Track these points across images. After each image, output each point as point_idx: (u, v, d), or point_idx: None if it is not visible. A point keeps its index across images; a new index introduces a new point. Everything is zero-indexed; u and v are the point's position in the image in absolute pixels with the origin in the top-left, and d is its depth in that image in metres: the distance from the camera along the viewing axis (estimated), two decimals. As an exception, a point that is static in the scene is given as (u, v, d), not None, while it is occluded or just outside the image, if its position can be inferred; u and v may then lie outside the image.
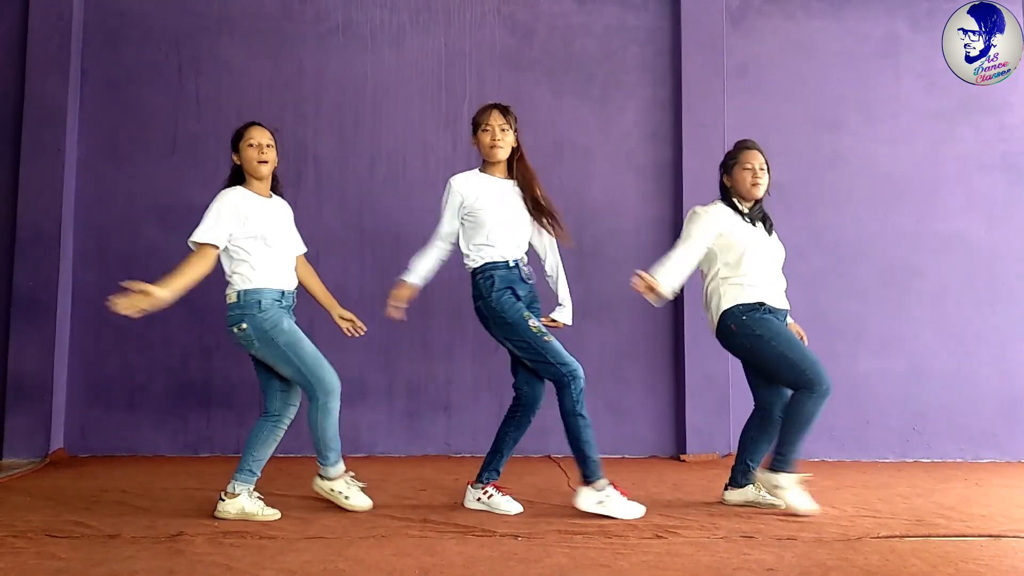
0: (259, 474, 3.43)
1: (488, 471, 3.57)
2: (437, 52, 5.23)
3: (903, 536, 3.12)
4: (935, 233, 5.14)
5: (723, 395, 4.96)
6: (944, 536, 3.14)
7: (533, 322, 3.43)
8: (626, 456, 5.01)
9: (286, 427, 3.52)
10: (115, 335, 5.04)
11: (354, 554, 2.82)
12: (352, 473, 3.58)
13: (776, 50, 5.26)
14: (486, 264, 3.47)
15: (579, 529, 3.17)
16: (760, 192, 3.61)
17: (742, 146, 3.69)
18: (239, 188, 3.41)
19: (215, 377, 5.03)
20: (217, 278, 3.53)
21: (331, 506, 3.57)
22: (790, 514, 3.45)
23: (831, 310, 5.09)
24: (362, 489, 3.55)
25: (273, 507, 3.43)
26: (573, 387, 3.41)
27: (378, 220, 5.10)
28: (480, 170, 3.58)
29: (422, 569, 2.65)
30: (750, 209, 3.64)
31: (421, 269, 3.60)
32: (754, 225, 3.62)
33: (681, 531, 3.16)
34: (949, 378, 5.05)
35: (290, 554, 2.81)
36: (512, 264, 3.48)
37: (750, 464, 3.62)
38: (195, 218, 3.39)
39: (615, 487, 3.38)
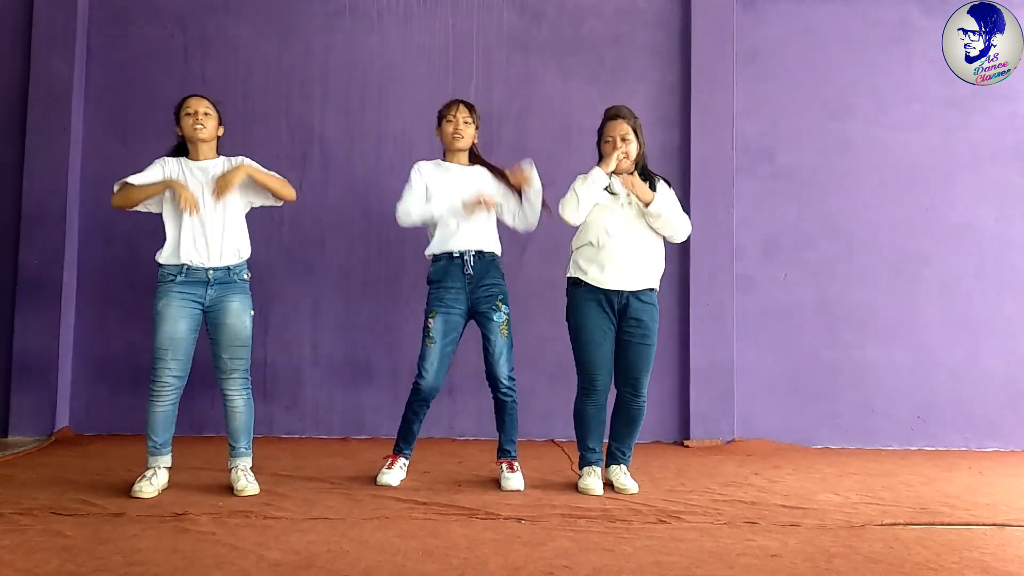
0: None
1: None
2: (444, 33, 5.20)
3: (907, 524, 3.12)
4: (945, 222, 5.11)
5: (728, 381, 4.96)
6: (948, 524, 3.13)
7: (431, 322, 3.61)
8: (630, 441, 5.00)
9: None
10: (120, 314, 5.05)
11: (358, 535, 2.82)
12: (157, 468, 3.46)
13: (787, 35, 5.21)
14: (433, 254, 3.70)
15: (582, 513, 3.18)
16: (624, 164, 3.59)
17: (605, 115, 3.70)
18: (175, 158, 3.55)
19: (220, 358, 5.03)
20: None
21: (336, 487, 3.58)
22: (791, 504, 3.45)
23: (839, 298, 5.07)
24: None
25: (279, 488, 3.48)
26: (413, 390, 3.66)
27: (384, 203, 5.05)
28: (442, 159, 3.80)
29: (426, 551, 2.66)
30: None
31: None
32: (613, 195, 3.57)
33: (685, 516, 3.16)
34: (956, 367, 5.03)
35: (295, 534, 2.82)
36: (455, 255, 3.63)
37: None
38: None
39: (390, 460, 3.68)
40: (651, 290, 3.62)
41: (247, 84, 5.16)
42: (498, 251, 3.76)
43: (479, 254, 3.65)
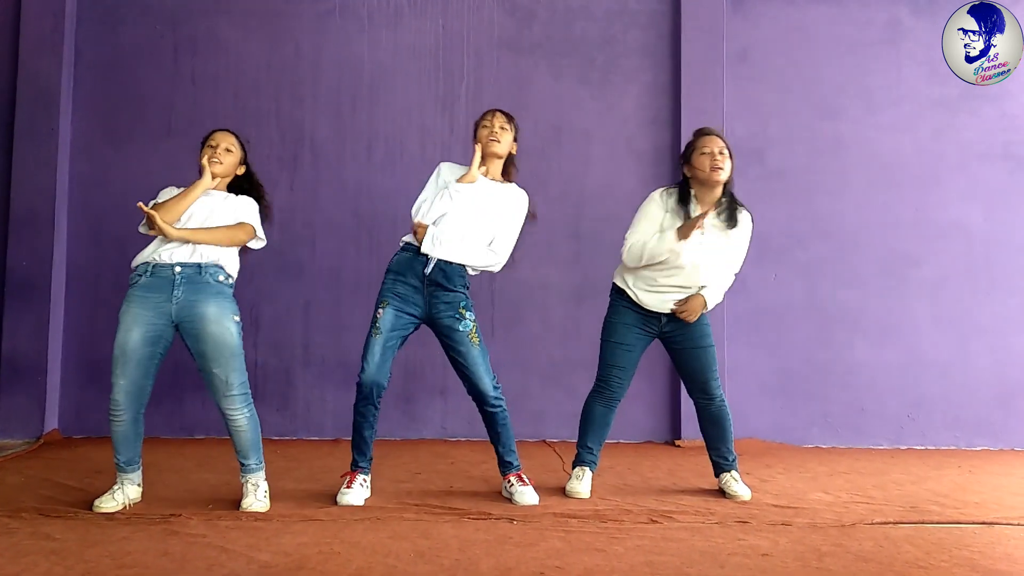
0: None
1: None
2: (435, 34, 5.19)
3: (897, 522, 3.13)
4: (934, 222, 5.13)
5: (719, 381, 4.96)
6: (938, 523, 3.15)
7: (380, 312, 3.37)
8: (621, 441, 5.01)
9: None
10: (110, 316, 4.96)
11: (349, 536, 2.82)
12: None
13: (777, 36, 5.23)
14: (404, 242, 3.46)
15: (574, 513, 3.18)
16: (720, 176, 3.43)
17: (697, 133, 3.56)
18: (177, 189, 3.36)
19: (211, 359, 5.01)
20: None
21: (326, 489, 3.57)
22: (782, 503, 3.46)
23: (829, 298, 5.09)
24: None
25: (270, 489, 3.42)
26: (357, 387, 3.40)
27: (375, 203, 5.08)
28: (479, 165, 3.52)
29: (417, 552, 2.65)
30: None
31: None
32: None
33: (676, 516, 3.16)
34: (945, 366, 5.06)
35: (286, 536, 2.81)
36: (421, 255, 3.36)
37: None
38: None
39: (348, 478, 3.41)
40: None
41: (237, 84, 5.14)
42: (473, 271, 3.49)
43: (447, 264, 3.37)
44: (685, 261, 3.42)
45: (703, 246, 3.45)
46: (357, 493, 3.36)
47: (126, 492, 3.22)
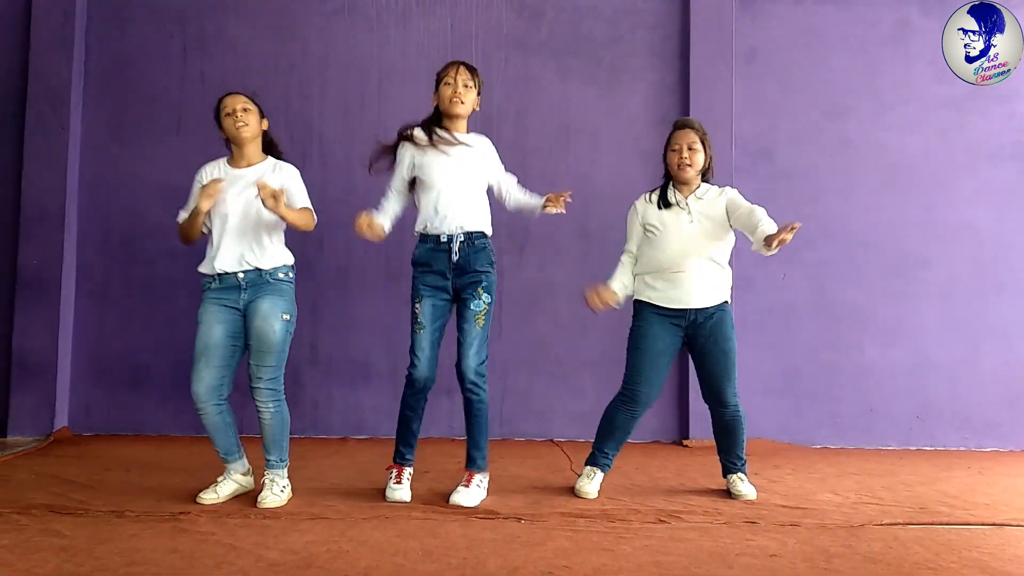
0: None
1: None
2: (443, 33, 5.20)
3: (906, 524, 3.12)
4: (943, 222, 5.11)
5: (727, 381, 4.95)
6: (947, 524, 3.14)
7: (419, 307, 3.37)
8: (629, 441, 4.98)
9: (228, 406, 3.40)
10: (119, 314, 5.04)
11: (357, 535, 2.82)
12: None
13: (785, 35, 5.21)
14: (418, 233, 3.45)
15: (581, 512, 3.18)
16: (688, 174, 3.50)
17: (673, 127, 3.62)
18: (215, 162, 3.41)
19: (219, 358, 5.02)
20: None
21: (334, 487, 3.58)
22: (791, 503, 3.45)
23: (837, 299, 5.07)
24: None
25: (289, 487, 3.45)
26: (406, 382, 3.40)
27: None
28: (438, 125, 3.46)
29: (425, 551, 2.66)
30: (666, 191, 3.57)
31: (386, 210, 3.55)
32: (666, 208, 3.52)
33: (684, 516, 3.16)
34: (954, 368, 5.04)
35: (294, 534, 2.82)
36: (444, 239, 3.35)
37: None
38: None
39: (395, 472, 3.42)
40: (721, 303, 3.50)
41: (246, 83, 5.12)
42: (488, 231, 3.45)
43: (467, 238, 3.35)
44: (680, 257, 3.45)
45: (692, 237, 3.46)
46: (406, 489, 3.38)
47: (226, 486, 3.33)
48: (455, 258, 3.35)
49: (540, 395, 5.02)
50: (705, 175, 3.59)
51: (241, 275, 3.26)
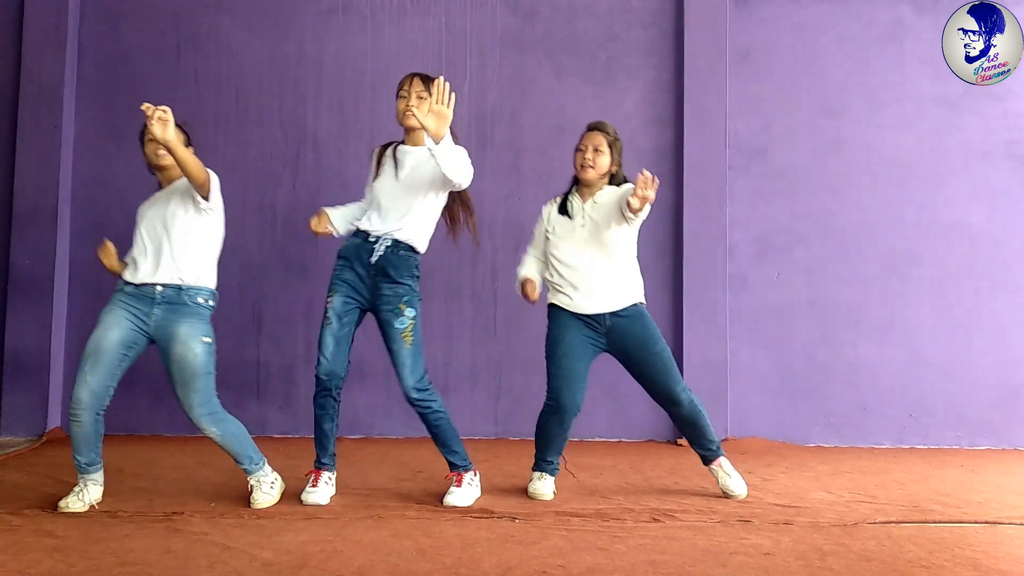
0: None
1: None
2: (438, 31, 5.19)
3: (900, 522, 3.13)
4: (937, 221, 5.12)
5: (721, 381, 4.96)
6: (940, 522, 3.14)
7: (330, 300, 3.34)
8: (623, 440, 5.02)
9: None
10: (113, 314, 5.02)
11: (351, 534, 2.82)
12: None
13: (780, 34, 5.21)
14: (352, 229, 3.45)
15: (576, 512, 3.18)
16: (588, 175, 3.47)
17: (587, 127, 3.60)
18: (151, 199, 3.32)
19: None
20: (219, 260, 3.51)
21: (328, 487, 3.57)
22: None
23: (831, 297, 5.08)
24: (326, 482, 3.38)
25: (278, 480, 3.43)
26: (315, 378, 3.36)
27: (377, 201, 5.07)
28: (402, 141, 3.48)
29: (419, 550, 2.66)
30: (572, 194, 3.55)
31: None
32: (569, 216, 3.48)
33: (678, 515, 3.16)
34: (948, 366, 5.05)
35: (288, 534, 2.82)
36: (372, 239, 3.32)
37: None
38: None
39: (313, 476, 3.37)
40: (633, 305, 3.45)
41: (240, 82, 5.14)
42: (419, 247, 3.37)
43: (394, 244, 3.30)
44: (576, 263, 3.43)
45: (584, 242, 3.43)
46: (323, 492, 3.31)
47: (90, 492, 3.17)
48: (374, 259, 3.30)
49: (535, 394, 4.97)
50: (613, 180, 3.53)
51: (160, 288, 3.12)
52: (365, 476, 3.80)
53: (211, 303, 3.25)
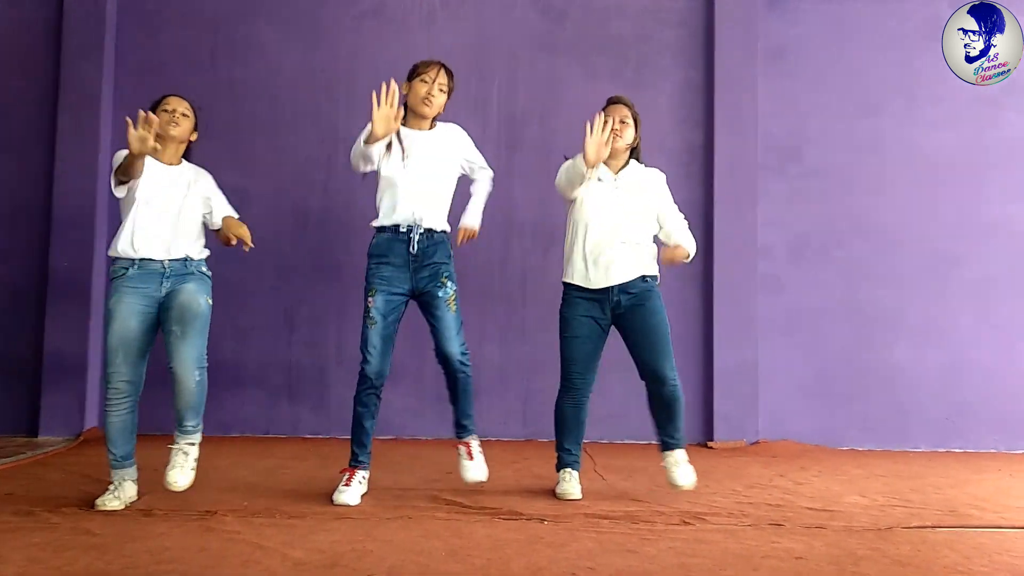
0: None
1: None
2: (468, 35, 5.21)
3: (935, 526, 3.07)
4: (978, 221, 5.03)
5: (752, 382, 4.91)
6: (978, 527, 3.08)
7: (371, 300, 3.34)
8: (653, 442, 4.96)
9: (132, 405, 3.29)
10: (150, 316, 5.10)
11: (382, 535, 2.84)
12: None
13: (813, 32, 5.16)
14: (376, 226, 3.43)
15: (606, 513, 3.17)
16: (617, 144, 3.47)
17: (606, 103, 3.61)
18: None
19: (248, 357, 5.08)
20: (247, 258, 3.56)
21: (360, 487, 3.59)
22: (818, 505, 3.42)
23: (869, 298, 5.01)
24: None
25: (304, 487, 3.47)
26: (359, 379, 3.37)
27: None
28: (403, 123, 3.42)
29: (449, 551, 2.66)
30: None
31: None
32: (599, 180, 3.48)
33: (709, 518, 3.14)
34: (988, 369, 4.95)
35: (320, 533, 2.84)
36: (403, 230, 3.34)
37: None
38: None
39: (347, 475, 3.39)
40: (643, 278, 3.45)
41: (274, 88, 5.21)
42: (448, 230, 3.45)
43: (428, 232, 3.35)
44: (601, 232, 3.42)
45: (617, 206, 3.44)
46: (355, 491, 3.32)
47: (125, 490, 3.21)
48: (414, 250, 3.33)
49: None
50: (634, 152, 3.59)
51: (167, 262, 3.19)
52: (396, 477, 3.82)
53: (209, 272, 3.33)
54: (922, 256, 5.04)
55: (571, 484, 3.48)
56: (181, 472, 3.17)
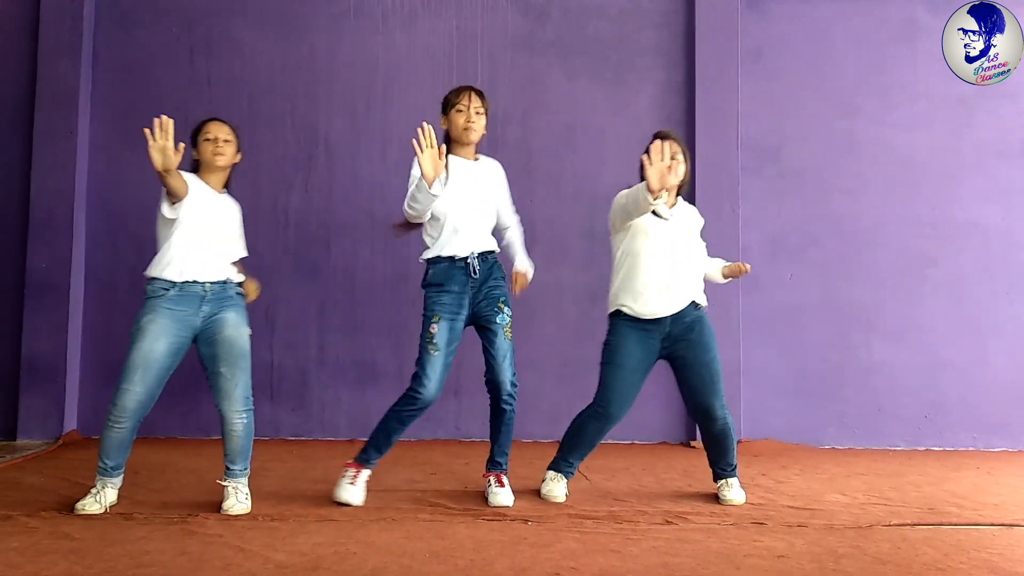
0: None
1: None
2: (449, 34, 5.20)
3: (915, 524, 3.11)
4: (952, 221, 5.09)
5: (733, 382, 4.93)
6: (956, 524, 3.12)
7: (434, 327, 3.31)
8: (636, 442, 5.01)
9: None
10: (128, 317, 4.97)
11: (365, 537, 2.83)
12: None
13: (792, 34, 5.20)
14: (430, 258, 3.40)
15: (589, 514, 3.18)
16: (672, 181, 3.31)
17: (654, 138, 3.49)
18: (189, 174, 3.27)
19: (227, 360, 5.04)
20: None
21: (342, 489, 3.58)
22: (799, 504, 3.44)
23: (845, 297, 5.06)
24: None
25: (286, 489, 3.45)
26: (408, 399, 3.30)
27: (389, 204, 5.07)
28: (448, 151, 3.38)
29: (433, 552, 2.66)
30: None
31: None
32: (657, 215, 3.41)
33: (691, 517, 3.15)
34: (963, 367, 5.01)
35: (301, 536, 2.83)
36: (457, 259, 3.34)
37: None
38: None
39: (354, 471, 3.36)
40: (694, 304, 3.43)
41: (252, 86, 5.17)
42: (497, 249, 3.49)
43: (483, 256, 3.38)
44: (659, 263, 3.38)
45: (675, 240, 3.42)
46: (359, 492, 3.32)
47: (107, 495, 3.19)
48: (475, 275, 3.35)
49: (547, 396, 5.01)
50: (680, 190, 3.54)
51: (208, 285, 3.20)
52: (378, 478, 3.80)
53: (243, 292, 3.36)
54: (898, 255, 5.09)
55: (558, 486, 3.49)
56: (237, 503, 3.18)
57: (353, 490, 3.31)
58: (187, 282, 3.17)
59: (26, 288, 4.93)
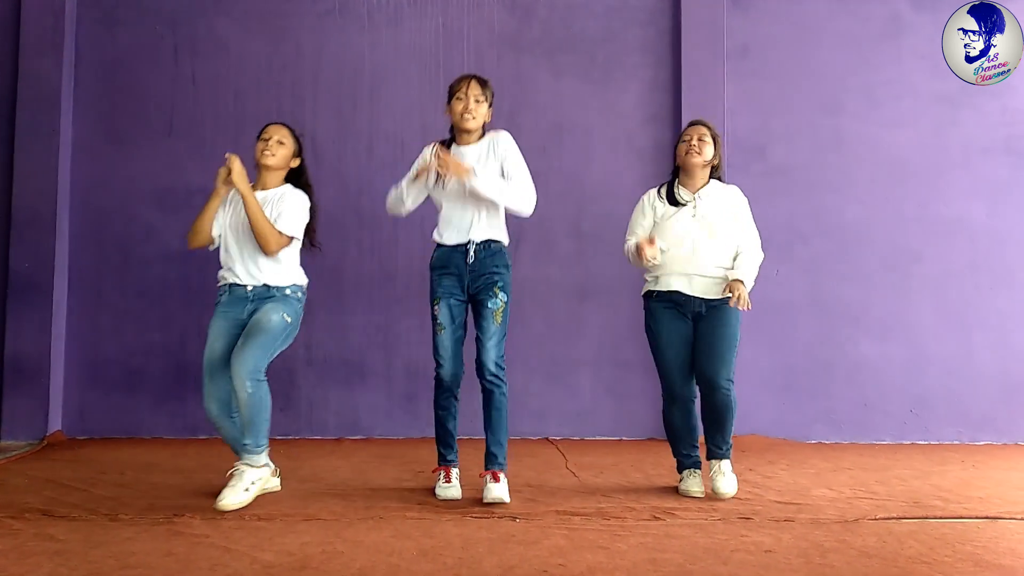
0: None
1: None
2: (435, 32, 5.19)
3: (901, 518, 3.13)
4: (937, 217, 5.12)
5: (722, 378, 4.95)
6: (942, 518, 3.14)
7: (436, 309, 3.43)
8: (624, 439, 5.02)
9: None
10: (113, 317, 5.03)
11: (353, 536, 2.82)
12: None
13: (777, 31, 5.21)
14: (436, 244, 3.51)
15: (577, 511, 3.18)
16: (695, 159, 3.53)
17: (687, 126, 3.69)
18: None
19: (213, 359, 5.01)
20: (213, 257, 3.53)
21: (330, 488, 3.57)
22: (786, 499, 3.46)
23: (832, 294, 5.08)
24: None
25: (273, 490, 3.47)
26: (435, 384, 3.48)
27: (376, 203, 5.03)
28: (453, 140, 3.52)
29: (421, 551, 2.65)
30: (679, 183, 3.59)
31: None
32: (673, 204, 3.54)
33: (679, 513, 3.16)
34: (949, 362, 5.05)
35: (289, 536, 2.82)
36: (455, 245, 3.43)
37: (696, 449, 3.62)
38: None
39: (443, 473, 3.47)
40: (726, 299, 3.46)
41: (237, 85, 5.15)
42: (505, 240, 3.50)
43: (484, 244, 3.42)
44: (682, 249, 3.47)
45: (697, 231, 3.48)
46: (456, 488, 3.42)
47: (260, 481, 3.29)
48: (471, 260, 3.41)
49: (535, 394, 5.01)
50: (715, 171, 3.63)
51: (250, 288, 3.39)
52: (366, 477, 3.80)
53: (299, 294, 3.50)
54: (884, 252, 5.12)
55: (693, 481, 3.52)
56: (231, 492, 3.17)
57: (451, 487, 3.42)
58: (234, 284, 3.40)
59: (9, 288, 4.89)
